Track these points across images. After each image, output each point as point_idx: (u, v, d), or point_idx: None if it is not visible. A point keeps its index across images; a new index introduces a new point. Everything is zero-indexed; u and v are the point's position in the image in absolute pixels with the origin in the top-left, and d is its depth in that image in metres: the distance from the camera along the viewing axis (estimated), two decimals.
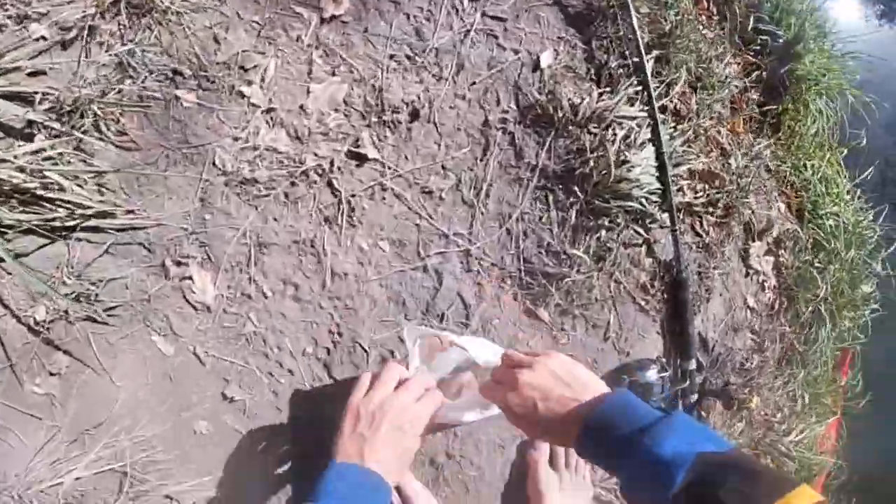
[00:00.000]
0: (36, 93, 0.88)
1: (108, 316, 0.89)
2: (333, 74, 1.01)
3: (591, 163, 0.96)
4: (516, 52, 1.05)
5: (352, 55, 1.02)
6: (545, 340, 0.97)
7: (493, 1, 1.07)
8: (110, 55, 0.93)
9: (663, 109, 1.08)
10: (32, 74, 0.93)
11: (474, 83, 1.03)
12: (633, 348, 1.00)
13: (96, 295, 0.87)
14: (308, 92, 0.99)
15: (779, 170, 1.41)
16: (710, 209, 1.12)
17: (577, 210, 0.97)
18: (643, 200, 0.98)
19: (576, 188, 0.97)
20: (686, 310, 1.01)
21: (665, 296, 1.02)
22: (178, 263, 0.92)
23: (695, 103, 1.16)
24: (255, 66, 1.00)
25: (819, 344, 1.37)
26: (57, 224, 0.86)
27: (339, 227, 0.95)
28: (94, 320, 0.87)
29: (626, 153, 0.98)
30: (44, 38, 0.92)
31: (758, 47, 1.37)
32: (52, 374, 0.84)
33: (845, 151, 1.67)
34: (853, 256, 1.41)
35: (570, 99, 1.00)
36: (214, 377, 0.92)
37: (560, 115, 0.99)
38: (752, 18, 1.40)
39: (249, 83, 0.98)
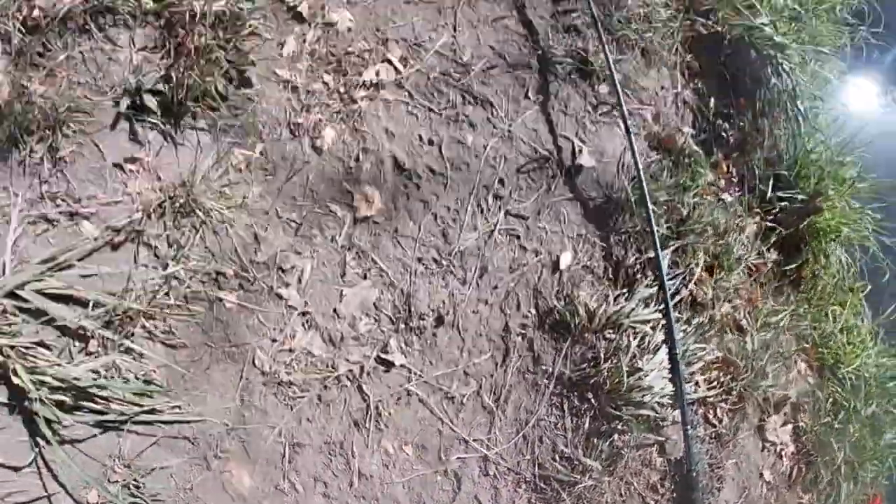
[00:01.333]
0: (89, 300, 0.95)
1: (153, 499, 0.95)
2: (365, 278, 1.07)
3: (605, 372, 1.01)
4: (537, 253, 1.10)
5: (382, 257, 1.08)
6: None
7: (517, 198, 1.13)
8: (157, 258, 1.00)
9: (679, 302, 1.12)
10: (85, 276, 1.00)
11: (496, 287, 1.08)
12: None
13: (143, 484, 0.95)
14: (341, 296, 1.06)
15: (798, 327, 1.42)
16: (725, 397, 1.15)
17: (590, 417, 1.02)
18: (655, 405, 1.01)
19: (590, 395, 1.02)
20: None
21: (675, 493, 1.05)
22: (218, 457, 0.99)
23: (711, 288, 1.19)
24: (292, 267, 1.07)
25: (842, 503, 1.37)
26: (107, 418, 0.94)
27: (367, 431, 1.02)
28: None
29: (640, 360, 1.02)
30: (95, 237, 0.99)
31: (777, 208, 1.38)
32: None
33: (867, 288, 1.65)
34: (874, 411, 1.40)
35: (586, 304, 1.05)
36: None
37: (577, 321, 1.05)
38: (770, 180, 1.42)
39: (287, 285, 1.06)
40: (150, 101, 1.02)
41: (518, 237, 1.13)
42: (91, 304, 0.98)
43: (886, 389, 1.52)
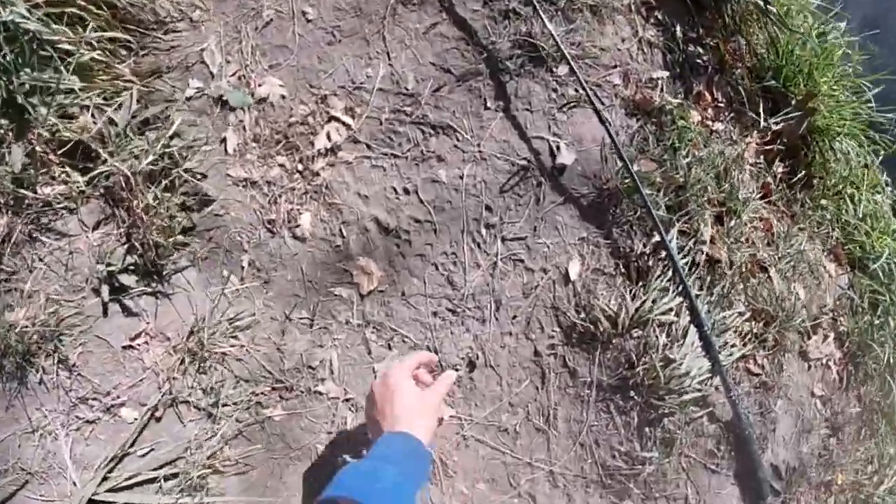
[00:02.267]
0: (159, 478, 1.01)
1: None
2: (390, 348, 1.09)
3: (640, 371, 1.03)
4: (545, 270, 1.09)
5: (399, 323, 1.09)
6: None
7: (509, 220, 1.10)
8: (200, 410, 1.04)
9: (696, 270, 1.11)
10: (143, 455, 1.04)
11: (515, 317, 1.09)
12: None
13: None
14: (374, 372, 1.08)
15: (820, 230, 1.39)
16: (762, 344, 1.16)
17: (637, 412, 1.06)
18: (695, 386, 1.04)
19: (632, 393, 1.06)
20: (753, 459, 1.10)
21: (733, 451, 1.11)
22: None
23: (725, 240, 1.17)
24: (320, 362, 1.09)
25: None
26: None
27: (440, 481, 1.08)
28: None
29: (671, 350, 1.03)
30: (135, 419, 1.03)
31: (773, 120, 1.31)
32: None
33: (881, 154, 1.58)
34: None
35: (605, 311, 1.05)
36: None
37: (601, 328, 1.06)
38: (759, 94, 1.34)
39: (322, 380, 1.09)
40: (128, 280, 1.01)
41: (522, 261, 1.11)
42: (161, 480, 1.03)
43: None
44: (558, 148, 1.13)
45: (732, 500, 1.17)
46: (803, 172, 1.42)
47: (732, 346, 1.17)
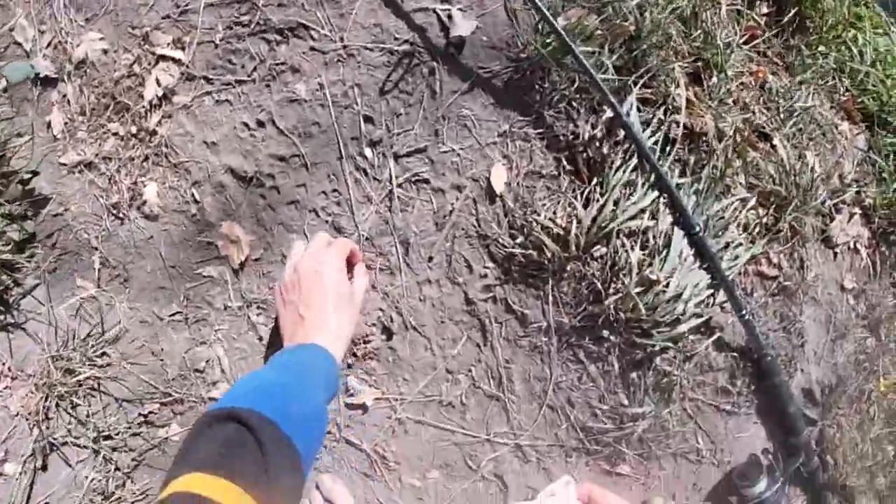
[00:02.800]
0: None
1: None
2: None
3: (612, 304, 0.64)
4: (459, 187, 0.70)
5: None
6: (636, 491, 0.75)
7: (398, 130, 0.70)
8: (85, 448, 0.74)
9: (673, 149, 0.69)
10: None
11: (431, 258, 0.71)
12: (731, 454, 0.76)
13: None
14: None
15: (824, 81, 0.94)
16: (774, 236, 0.75)
17: (616, 354, 0.68)
18: (693, 311, 0.65)
19: (606, 333, 0.67)
20: (781, 392, 0.72)
21: (752, 384, 0.73)
22: None
23: (707, 101, 0.74)
24: (207, 362, 0.76)
25: None
26: None
27: (382, 477, 0.75)
28: None
29: (650, 268, 0.64)
30: (21, 474, 0.74)
31: None
32: None
33: None
34: None
35: (549, 228, 0.65)
36: None
37: (549, 254, 0.66)
38: None
39: (214, 383, 0.76)
40: None
41: (426, 180, 0.72)
42: None
43: None
44: (450, 17, 0.71)
45: (757, 443, 0.79)
46: (793, 12, 0.94)
47: (738, 246, 0.76)
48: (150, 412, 0.78)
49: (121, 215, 0.78)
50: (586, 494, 0.42)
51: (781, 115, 0.86)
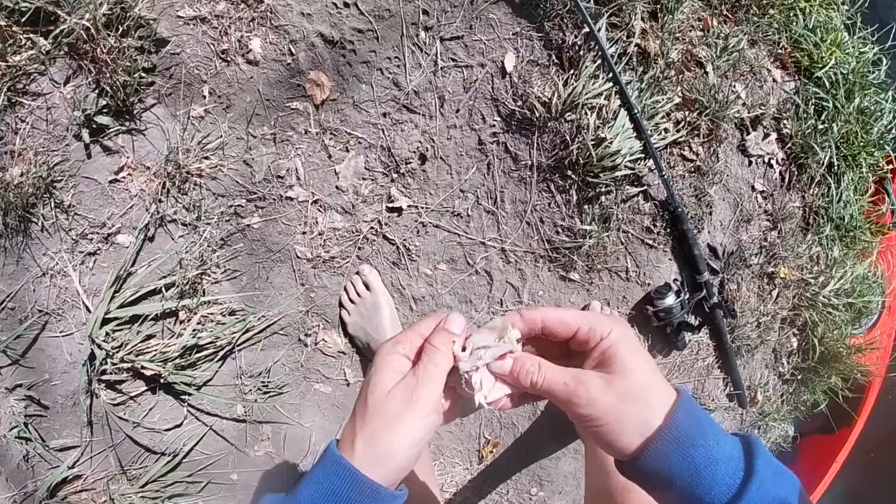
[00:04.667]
0: (160, 288, 1.25)
1: (280, 390, 1.34)
2: (347, 150, 1.30)
3: (575, 150, 1.23)
4: (482, 65, 1.28)
5: (353, 127, 1.30)
6: (581, 294, 1.34)
7: (445, 22, 1.27)
8: (186, 226, 1.26)
9: (628, 61, 1.28)
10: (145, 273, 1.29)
11: (458, 110, 1.29)
12: (651, 279, 1.36)
13: (268, 381, 1.32)
14: (336, 174, 1.30)
15: (767, 36, 1.54)
16: (695, 132, 1.36)
17: (575, 189, 1.28)
18: (628, 164, 1.25)
19: (569, 173, 1.27)
20: (687, 237, 1.32)
21: (668, 228, 1.33)
22: (308, 334, 1.34)
23: (658, 35, 1.33)
24: (287, 171, 1.31)
25: (842, 190, 1.59)
26: (221, 353, 1.29)
27: (405, 266, 1.32)
28: (274, 395, 1.34)
29: (602, 131, 1.23)
30: (131, 242, 1.26)
31: None
32: (262, 440, 1.34)
33: None
34: (859, 104, 1.56)
35: (539, 97, 1.24)
36: None
37: (537, 114, 1.25)
38: None
39: (290, 187, 1.31)
40: (104, 120, 1.22)
41: (460, 58, 1.30)
42: (162, 290, 1.28)
43: (869, 80, 1.65)
44: None
45: (670, 274, 1.41)
46: None
47: (665, 129, 1.37)
48: (238, 205, 1.32)
49: (228, 59, 1.32)
50: (538, 320, 0.49)
51: (717, 52, 1.47)
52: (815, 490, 2.17)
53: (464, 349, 0.50)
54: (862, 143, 1.69)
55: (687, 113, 1.41)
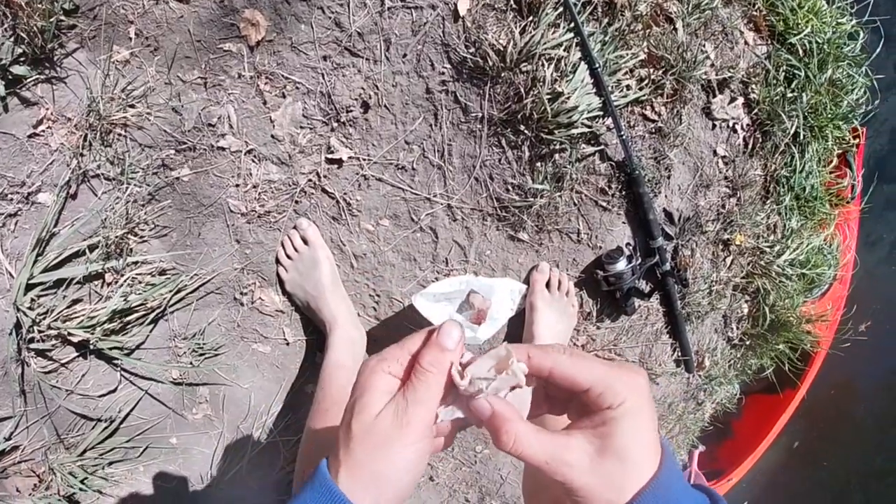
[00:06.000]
0: (83, 249, 1.15)
1: (216, 351, 1.28)
2: (284, 97, 1.20)
3: (529, 104, 1.15)
4: (433, 6, 1.18)
5: (291, 71, 1.19)
6: (529, 255, 1.29)
7: None
8: (111, 181, 1.16)
9: (592, 11, 1.19)
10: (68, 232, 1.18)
11: (405, 55, 1.18)
12: (603, 242, 1.31)
13: (203, 343, 1.26)
14: (272, 121, 1.20)
15: None
16: (659, 91, 1.28)
17: (528, 146, 1.20)
18: (585, 122, 1.18)
19: (522, 127, 1.19)
20: (643, 200, 1.27)
21: (624, 191, 1.27)
22: (244, 293, 1.27)
23: None
24: (218, 118, 1.21)
25: (806, 161, 1.55)
26: (152, 316, 1.21)
27: (346, 221, 1.25)
28: (210, 356, 1.27)
29: (559, 84, 1.15)
30: (53, 201, 1.15)
31: None
32: (200, 403, 1.28)
33: None
34: (831, 76, 1.50)
35: (493, 45, 1.14)
36: (303, 350, 1.33)
37: (490, 63, 1.16)
38: None
39: (222, 136, 1.21)
40: (20, 70, 1.10)
41: None
42: (86, 251, 1.17)
43: (844, 52, 1.58)
44: None
45: (623, 238, 1.36)
46: None
47: (627, 87, 1.29)
48: (167, 156, 1.21)
49: None
50: (546, 369, 0.44)
51: (689, 8, 1.38)
52: (758, 447, 2.25)
53: (461, 376, 0.44)
54: (830, 116, 1.65)
55: (651, 70, 1.33)
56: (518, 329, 1.35)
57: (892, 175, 2.42)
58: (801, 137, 1.60)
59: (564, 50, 1.21)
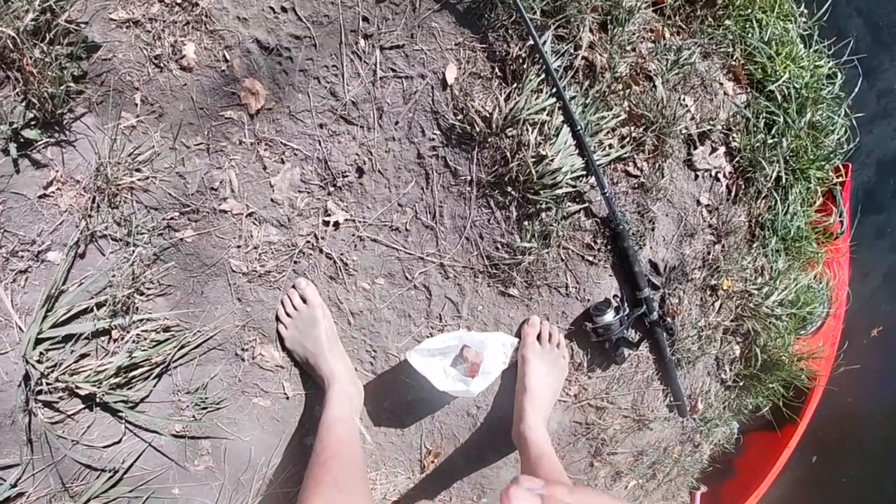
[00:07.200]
0: (91, 306, 1.19)
1: (218, 405, 1.31)
2: (283, 162, 1.26)
3: (515, 167, 1.20)
4: (423, 76, 1.23)
5: (289, 138, 1.25)
6: (520, 309, 1.32)
7: (386, 30, 1.22)
8: (118, 241, 1.21)
9: (574, 75, 1.24)
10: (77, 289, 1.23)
11: (397, 122, 1.24)
12: (591, 295, 1.34)
13: (206, 397, 1.29)
14: (271, 185, 1.26)
15: (721, 48, 1.50)
16: (640, 148, 1.33)
17: (515, 206, 1.25)
18: (569, 181, 1.22)
19: (509, 189, 1.24)
20: (628, 254, 1.31)
21: (609, 245, 1.31)
22: (245, 349, 1.31)
23: (606, 47, 1.29)
24: (221, 182, 1.26)
25: (789, 203, 1.58)
26: (156, 371, 1.25)
27: (343, 280, 1.29)
28: (212, 410, 1.31)
29: (543, 147, 1.20)
30: (62, 259, 1.21)
31: None
32: (202, 455, 1.31)
33: None
34: (809, 119, 1.54)
35: (480, 112, 1.20)
36: (303, 404, 1.36)
37: (477, 129, 1.21)
38: None
39: (224, 199, 1.26)
40: (31, 133, 1.16)
41: (401, 68, 1.24)
42: (94, 308, 1.22)
43: (822, 95, 1.62)
44: None
45: (611, 290, 1.39)
46: None
47: (609, 146, 1.34)
48: (171, 218, 1.27)
49: (161, 65, 1.25)
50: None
51: (668, 65, 1.43)
52: (762, 484, 2.24)
53: None
54: (812, 158, 1.68)
55: (632, 128, 1.38)
56: (511, 381, 1.39)
57: (881, 205, 2.45)
58: (784, 181, 1.64)
59: (547, 114, 1.26)
